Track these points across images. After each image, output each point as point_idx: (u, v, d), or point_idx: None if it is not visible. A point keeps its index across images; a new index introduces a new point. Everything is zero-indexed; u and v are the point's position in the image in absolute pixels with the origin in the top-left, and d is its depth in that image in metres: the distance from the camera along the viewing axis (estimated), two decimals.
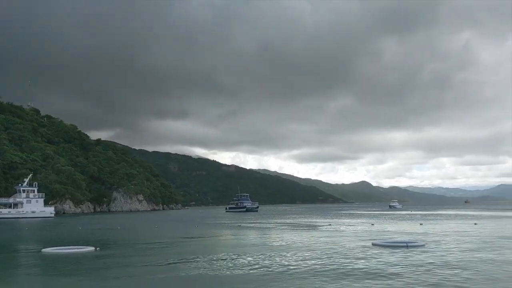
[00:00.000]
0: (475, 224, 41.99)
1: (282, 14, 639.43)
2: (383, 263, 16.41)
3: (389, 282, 12.63)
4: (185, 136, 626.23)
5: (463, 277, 13.24)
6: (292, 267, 15.71)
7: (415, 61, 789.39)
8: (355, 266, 15.65)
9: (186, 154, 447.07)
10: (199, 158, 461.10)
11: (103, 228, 46.59)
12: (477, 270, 14.56)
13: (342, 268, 15.25)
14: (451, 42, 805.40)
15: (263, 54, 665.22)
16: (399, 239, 24.54)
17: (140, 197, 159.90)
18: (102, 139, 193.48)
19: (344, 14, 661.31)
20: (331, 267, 15.63)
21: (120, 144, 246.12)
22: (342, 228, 40.32)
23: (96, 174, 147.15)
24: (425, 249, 20.84)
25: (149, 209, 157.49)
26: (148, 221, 66.56)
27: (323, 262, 16.96)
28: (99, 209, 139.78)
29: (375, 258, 17.89)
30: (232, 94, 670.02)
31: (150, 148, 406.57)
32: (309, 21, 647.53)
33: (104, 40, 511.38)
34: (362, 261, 17.13)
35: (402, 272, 14.20)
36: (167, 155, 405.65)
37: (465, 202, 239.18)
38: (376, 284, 12.30)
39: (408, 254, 18.77)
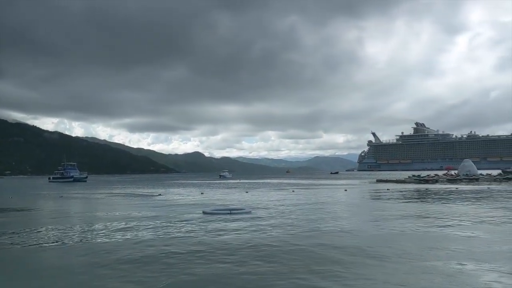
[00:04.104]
0: (293, 191, 46.83)
1: None
2: (211, 229, 17.12)
3: (214, 246, 13.27)
4: None
5: (280, 238, 14.65)
6: (120, 237, 15.39)
7: (246, 38, 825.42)
8: (185, 234, 16.03)
9: (1, 118, 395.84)
10: (16, 123, 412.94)
11: None
12: (294, 233, 16.23)
13: (172, 236, 15.49)
14: (279, 24, 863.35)
15: (93, 15, 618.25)
16: (229, 207, 25.84)
17: None
18: None
19: None
20: (161, 235, 15.74)
21: None
22: (173, 197, 40.84)
23: None
24: (250, 215, 22.36)
25: None
26: None
27: (153, 230, 16.98)
28: None
29: (204, 225, 18.57)
30: (57, 55, 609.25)
31: None
32: None
33: None
34: (193, 228, 17.64)
35: (228, 236, 15.07)
36: None
37: (287, 172, 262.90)
38: (202, 249, 12.80)
39: (235, 220, 19.95)
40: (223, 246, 13.07)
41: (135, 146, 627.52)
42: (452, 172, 79.84)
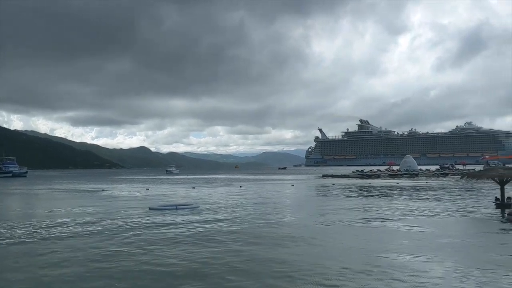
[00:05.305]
0: (240, 187, 46.93)
1: None
2: (158, 225, 16.86)
3: (160, 242, 13.08)
4: None
5: (223, 231, 14.66)
6: (60, 237, 14.78)
7: (194, 32, 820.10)
8: (131, 230, 15.67)
9: None
10: None
11: None
12: (239, 227, 16.26)
13: (117, 232, 15.10)
14: (227, 19, 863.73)
15: (34, 3, 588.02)
16: (176, 202, 25.54)
17: None
18: None
19: None
20: (108, 231, 15.30)
21: None
22: (118, 193, 39.80)
23: None
24: (197, 210, 22.24)
25: None
26: None
27: (94, 229, 16.45)
28: None
29: (151, 221, 18.25)
30: None
31: None
32: None
33: None
34: (139, 224, 17.29)
35: (174, 232, 14.89)
36: None
37: (235, 167, 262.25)
38: (151, 245, 12.57)
39: (183, 216, 19.74)
40: (164, 260, 12.84)
41: (78, 140, 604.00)
42: (394, 167, 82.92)
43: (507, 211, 18.76)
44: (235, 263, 10.27)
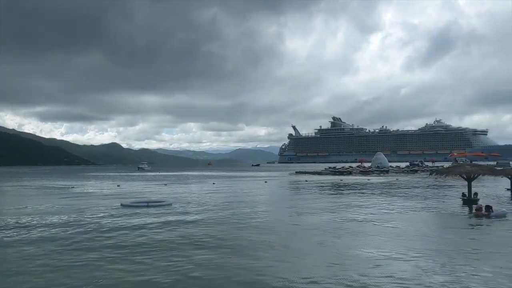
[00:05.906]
0: (213, 183, 46.73)
1: None
2: (127, 227, 16.51)
3: (130, 237, 12.87)
4: None
5: (200, 229, 14.54)
6: (30, 234, 14.42)
7: (167, 27, 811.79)
8: (98, 233, 15.35)
9: None
10: None
11: None
12: (208, 230, 16.13)
13: (83, 235, 14.79)
14: (201, 15, 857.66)
15: None
16: (148, 199, 25.17)
17: None
18: None
19: None
20: (74, 235, 14.93)
21: None
22: (88, 190, 39.04)
23: None
24: (169, 208, 21.96)
25: None
26: None
27: (65, 228, 16.08)
28: None
29: (120, 222, 17.87)
30: None
31: None
32: None
33: None
34: (109, 220, 16.99)
35: (144, 228, 14.69)
36: None
37: (208, 164, 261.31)
38: (118, 249, 12.36)
39: (154, 216, 19.41)
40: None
41: (47, 136, 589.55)
42: (365, 164, 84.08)
43: (474, 206, 19.26)
44: (201, 270, 9.61)
